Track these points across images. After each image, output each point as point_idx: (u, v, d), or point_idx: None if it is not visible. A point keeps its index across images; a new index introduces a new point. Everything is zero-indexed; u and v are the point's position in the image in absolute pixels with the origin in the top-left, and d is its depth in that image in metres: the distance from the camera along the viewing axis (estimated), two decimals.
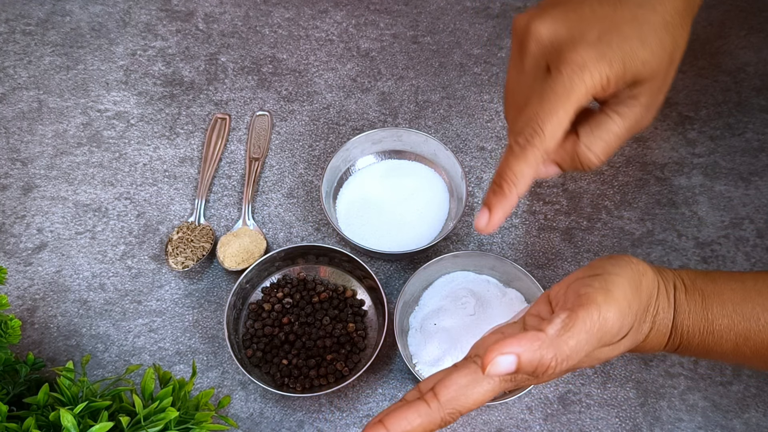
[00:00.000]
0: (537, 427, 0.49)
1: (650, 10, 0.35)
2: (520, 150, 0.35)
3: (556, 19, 0.36)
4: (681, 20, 0.36)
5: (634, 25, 0.35)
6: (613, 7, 0.36)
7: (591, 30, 0.35)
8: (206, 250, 0.55)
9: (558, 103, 0.34)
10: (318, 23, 0.69)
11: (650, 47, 0.35)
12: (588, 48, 0.34)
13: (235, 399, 0.50)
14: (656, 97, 0.38)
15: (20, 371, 0.44)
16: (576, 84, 0.34)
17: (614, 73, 0.35)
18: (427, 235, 0.55)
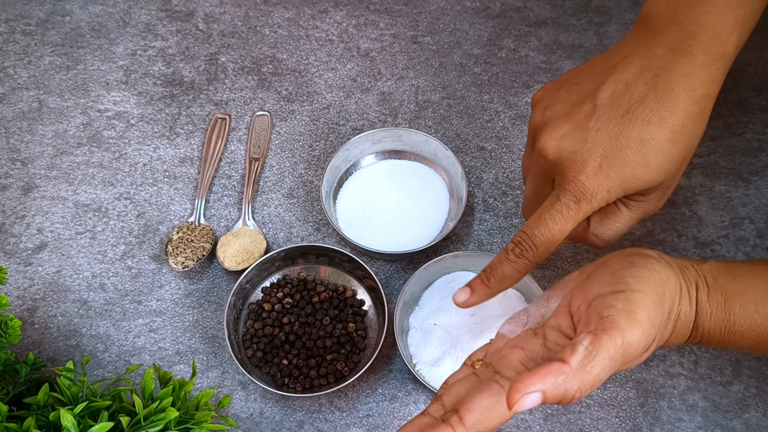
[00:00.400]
0: (537, 427, 0.49)
1: (658, 125, 0.35)
2: (514, 258, 0.38)
3: (563, 137, 0.37)
4: (694, 123, 0.36)
5: (638, 147, 0.35)
6: (620, 125, 0.35)
7: (593, 155, 0.36)
8: (206, 250, 0.55)
9: (555, 228, 0.37)
10: (318, 23, 0.69)
11: (654, 167, 0.35)
12: (588, 179, 0.36)
13: (235, 399, 0.50)
14: (666, 191, 0.39)
15: (20, 371, 0.44)
16: (572, 213, 0.36)
17: (613, 196, 0.36)
18: (427, 235, 0.55)
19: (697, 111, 0.36)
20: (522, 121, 0.63)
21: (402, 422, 0.49)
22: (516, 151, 0.61)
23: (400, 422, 0.49)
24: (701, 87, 0.36)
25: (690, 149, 0.37)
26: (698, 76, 0.36)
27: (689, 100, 0.35)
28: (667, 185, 0.38)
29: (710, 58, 0.36)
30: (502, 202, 0.59)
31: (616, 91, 0.36)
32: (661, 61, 0.36)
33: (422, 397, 0.50)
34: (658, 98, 0.35)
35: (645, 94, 0.35)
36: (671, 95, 0.35)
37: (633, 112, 0.35)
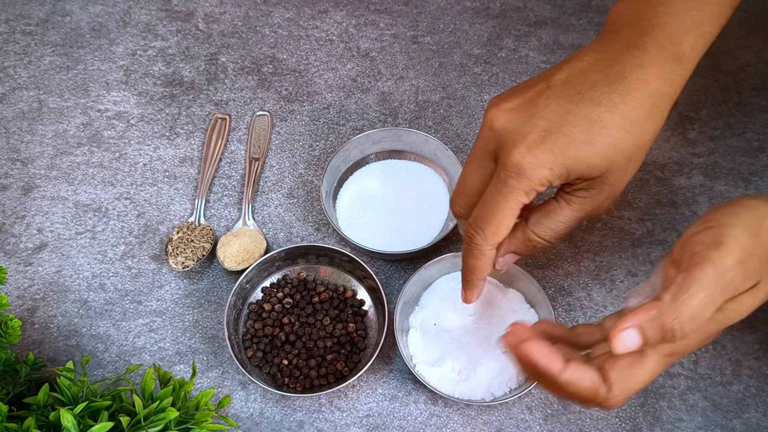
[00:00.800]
0: (537, 427, 0.49)
1: (608, 108, 0.34)
2: (468, 249, 0.39)
3: (511, 110, 0.36)
4: (646, 115, 0.35)
5: (585, 126, 0.34)
6: (570, 103, 0.35)
7: (536, 128, 0.35)
8: (206, 250, 0.55)
9: (498, 208, 0.36)
10: (318, 23, 0.69)
11: (599, 150, 0.34)
12: (528, 151, 0.34)
13: (235, 399, 0.50)
14: (612, 189, 0.37)
15: (20, 371, 0.44)
16: (514, 189, 0.35)
17: (555, 176, 0.35)
18: (427, 235, 0.55)
19: (649, 104, 0.35)
20: None
21: (402, 422, 0.49)
22: None
23: (400, 422, 0.49)
24: (654, 81, 0.35)
25: (639, 144, 0.36)
26: (651, 70, 0.35)
27: (641, 90, 0.35)
28: (613, 181, 0.36)
29: (664, 56, 0.36)
30: None
31: (570, 75, 0.36)
32: (616, 53, 0.36)
33: (422, 397, 0.50)
34: (610, 83, 0.35)
35: (598, 79, 0.35)
36: (623, 83, 0.35)
37: (584, 93, 0.35)
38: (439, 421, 0.49)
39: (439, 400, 0.50)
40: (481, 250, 0.38)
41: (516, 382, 0.48)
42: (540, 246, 0.40)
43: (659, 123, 0.36)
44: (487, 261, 0.39)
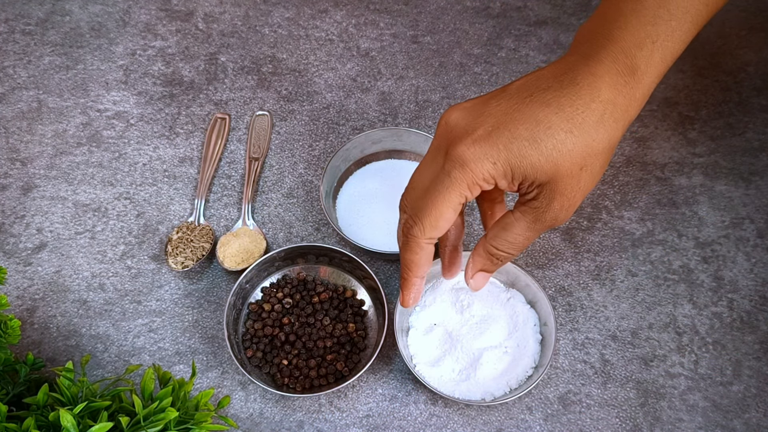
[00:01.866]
0: (537, 427, 0.49)
1: (556, 110, 0.34)
2: (405, 242, 0.38)
3: (464, 109, 0.37)
4: (595, 122, 0.34)
5: (530, 124, 0.34)
6: (520, 104, 0.35)
7: (484, 125, 0.35)
8: (206, 250, 0.55)
9: (438, 198, 0.36)
10: (318, 23, 0.69)
11: (543, 150, 0.34)
12: (472, 145, 0.34)
13: (235, 399, 0.50)
14: (566, 200, 0.36)
15: (20, 371, 0.44)
16: (457, 180, 0.35)
17: (499, 172, 0.35)
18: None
19: (599, 110, 0.35)
20: None
21: (402, 422, 0.49)
22: None
23: (400, 422, 0.49)
24: (606, 90, 0.35)
25: (590, 154, 0.35)
26: (604, 79, 0.35)
27: (591, 96, 0.35)
28: (562, 189, 0.36)
29: (617, 67, 0.36)
30: None
31: (527, 81, 0.36)
32: (571, 64, 0.37)
33: (422, 397, 0.50)
34: (561, 88, 0.35)
35: (550, 85, 0.35)
36: (574, 88, 0.35)
37: (535, 95, 0.35)
38: (439, 421, 0.49)
39: (439, 400, 0.50)
40: (418, 243, 0.38)
41: (516, 382, 0.48)
42: (503, 260, 0.40)
43: (613, 133, 0.35)
44: (424, 257, 0.39)
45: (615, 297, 0.54)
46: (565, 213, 0.37)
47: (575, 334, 0.52)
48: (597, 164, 0.36)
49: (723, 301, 0.54)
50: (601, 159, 0.36)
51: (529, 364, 0.49)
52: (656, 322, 0.53)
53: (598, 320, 0.53)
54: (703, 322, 0.53)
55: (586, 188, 0.36)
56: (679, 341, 0.52)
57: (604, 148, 0.35)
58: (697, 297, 0.54)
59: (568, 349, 0.52)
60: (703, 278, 0.55)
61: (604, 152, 0.36)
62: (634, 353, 0.52)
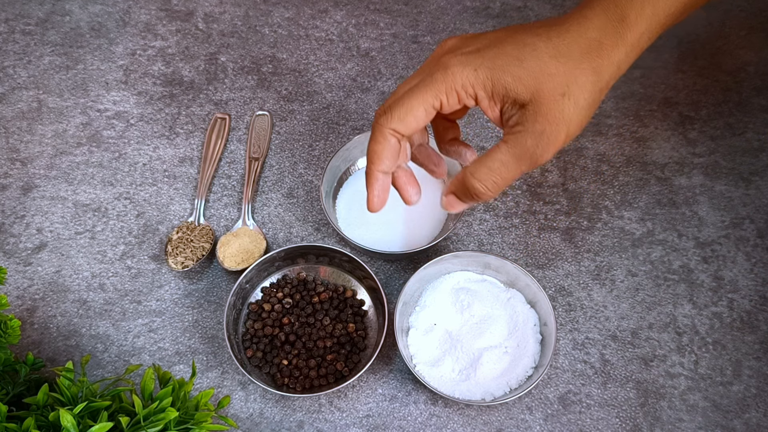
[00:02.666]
0: (537, 427, 0.49)
1: (544, 39, 0.36)
2: (372, 132, 0.38)
3: (461, 36, 0.38)
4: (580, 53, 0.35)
5: (517, 45, 0.36)
6: (512, 31, 0.37)
7: (475, 43, 0.37)
8: (206, 250, 0.55)
9: (414, 93, 0.36)
10: (318, 23, 0.69)
11: (526, 66, 0.35)
12: (460, 55, 0.36)
13: (235, 399, 0.50)
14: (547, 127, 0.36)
15: (20, 371, 0.44)
16: (437, 81, 0.36)
17: (479, 82, 0.36)
18: (427, 235, 0.55)
19: (584, 45, 0.36)
20: None
21: (402, 422, 0.49)
22: None
23: (400, 422, 0.49)
24: (594, 31, 0.36)
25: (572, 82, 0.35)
26: (593, 21, 0.36)
27: (578, 32, 0.36)
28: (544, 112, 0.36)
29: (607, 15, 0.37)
30: (502, 201, 0.59)
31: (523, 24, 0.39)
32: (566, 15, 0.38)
33: (422, 397, 0.50)
34: (552, 25, 0.37)
35: (543, 23, 0.38)
36: (564, 25, 0.37)
37: (528, 28, 0.37)
38: (439, 421, 0.49)
39: (439, 400, 0.50)
40: (382, 131, 0.38)
41: (516, 382, 0.48)
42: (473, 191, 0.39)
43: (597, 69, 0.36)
44: (387, 148, 0.38)
45: (615, 297, 0.54)
46: (546, 143, 0.36)
47: (575, 334, 0.52)
48: (581, 98, 0.36)
49: (723, 301, 0.54)
50: (586, 94, 0.36)
51: (529, 364, 0.49)
52: (656, 322, 0.53)
53: (598, 320, 0.53)
54: (703, 322, 0.53)
55: (570, 122, 0.36)
56: (679, 341, 0.52)
57: (588, 81, 0.36)
58: (697, 297, 0.54)
59: (568, 349, 0.52)
60: (703, 278, 0.55)
61: (588, 87, 0.36)
62: (634, 353, 0.52)
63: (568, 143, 0.55)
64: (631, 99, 0.64)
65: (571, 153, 0.61)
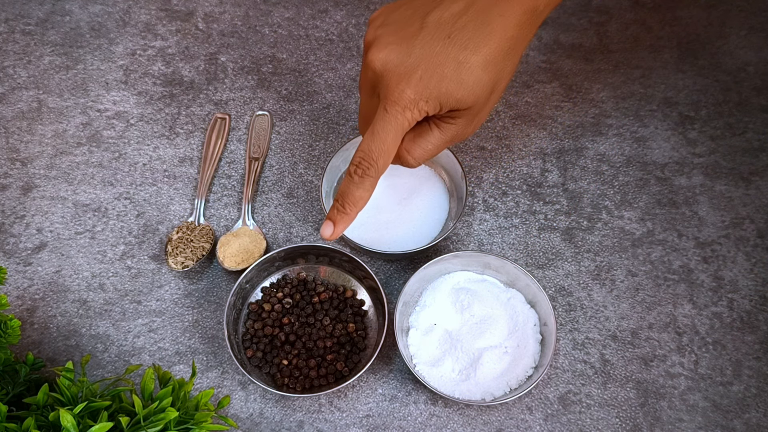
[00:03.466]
0: (537, 427, 0.49)
1: (473, 51, 0.40)
2: (359, 180, 0.43)
3: (390, 51, 0.41)
4: (504, 57, 0.41)
5: (454, 66, 0.40)
6: (441, 45, 0.40)
7: (415, 68, 0.40)
8: (206, 250, 0.55)
9: (388, 139, 0.42)
10: (318, 23, 0.69)
11: (467, 87, 0.40)
12: (408, 88, 0.40)
13: (235, 399, 0.50)
14: (476, 118, 0.43)
15: (20, 371, 0.44)
16: (399, 121, 0.41)
17: (431, 108, 0.41)
18: (427, 235, 0.55)
19: (507, 47, 0.41)
20: (522, 121, 0.63)
21: (402, 422, 0.49)
22: (516, 151, 0.61)
23: (400, 422, 0.49)
24: (512, 28, 0.41)
25: (499, 81, 0.42)
26: (511, 19, 0.41)
27: (501, 36, 0.40)
28: (476, 111, 0.42)
29: (522, 8, 0.41)
30: (502, 202, 0.59)
31: (443, 17, 0.41)
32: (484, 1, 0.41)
33: (422, 397, 0.50)
34: (476, 29, 0.40)
35: (466, 24, 0.40)
36: (488, 29, 0.40)
37: (454, 36, 0.40)
38: (439, 421, 0.49)
39: (439, 400, 0.50)
40: (372, 182, 0.43)
41: (516, 382, 0.48)
42: (406, 165, 0.45)
43: (516, 60, 0.43)
44: (372, 191, 0.44)
45: (615, 297, 0.54)
46: (474, 128, 0.44)
47: (575, 334, 0.52)
48: (502, 86, 0.43)
49: (723, 301, 0.54)
50: (506, 81, 0.43)
51: (529, 364, 0.49)
52: (656, 322, 0.53)
53: (598, 320, 0.53)
54: (703, 322, 0.53)
55: (493, 104, 0.44)
56: (679, 341, 0.52)
57: (508, 74, 0.43)
58: (697, 297, 0.54)
59: (568, 349, 0.52)
60: (703, 278, 0.55)
61: (509, 75, 0.43)
62: (634, 353, 0.52)
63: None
64: (631, 99, 0.64)
65: (571, 153, 0.61)
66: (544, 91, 0.64)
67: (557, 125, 0.63)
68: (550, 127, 0.62)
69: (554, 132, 0.62)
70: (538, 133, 0.62)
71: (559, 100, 0.64)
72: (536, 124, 0.63)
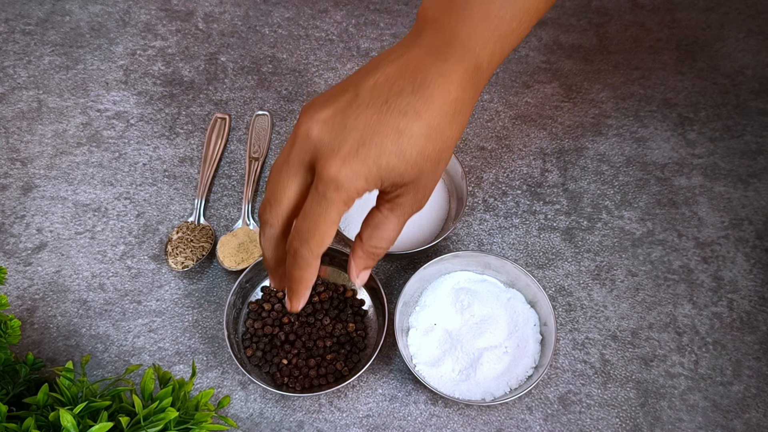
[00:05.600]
0: (537, 427, 0.49)
1: (414, 118, 0.36)
2: (294, 261, 0.40)
3: (324, 122, 0.37)
4: (449, 122, 0.37)
5: (394, 137, 0.36)
6: (378, 113, 0.36)
7: (350, 141, 0.36)
8: (206, 250, 0.55)
9: (320, 220, 0.38)
10: (318, 23, 0.69)
11: (409, 160, 0.36)
12: (344, 165, 0.36)
13: (235, 399, 0.50)
14: (424, 190, 0.40)
15: (20, 371, 0.44)
16: (334, 201, 0.37)
17: (371, 184, 0.37)
18: (427, 235, 0.55)
19: (451, 111, 0.37)
20: (522, 121, 0.63)
21: (402, 422, 0.49)
22: (516, 151, 0.61)
23: (400, 422, 0.49)
24: (455, 90, 0.37)
25: (445, 149, 0.38)
26: (452, 79, 0.37)
27: (444, 99, 0.37)
28: (424, 184, 0.39)
29: (463, 67, 0.37)
30: (502, 202, 0.59)
31: (377, 82, 0.37)
32: (419, 60, 0.38)
33: (422, 397, 0.50)
34: (414, 92, 0.36)
35: (403, 88, 0.37)
36: (427, 91, 0.36)
37: (391, 103, 0.36)
38: (439, 421, 0.49)
39: (439, 400, 0.50)
40: (307, 262, 0.40)
41: (516, 382, 0.48)
42: (381, 255, 0.42)
43: (462, 126, 0.39)
44: (313, 271, 0.41)
45: (615, 297, 0.54)
46: (426, 199, 0.40)
47: (575, 334, 0.53)
48: (449, 153, 0.39)
49: (723, 301, 0.54)
50: (453, 147, 0.39)
51: (529, 364, 0.49)
52: (656, 322, 0.53)
53: (598, 320, 0.53)
54: (703, 322, 0.53)
55: (441, 172, 0.40)
56: (679, 341, 0.52)
57: (455, 140, 0.39)
58: (697, 297, 0.54)
59: (568, 349, 0.52)
60: (703, 278, 0.55)
61: (456, 141, 0.39)
62: (634, 353, 0.52)
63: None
64: (630, 99, 0.64)
65: (571, 153, 0.61)
66: (544, 91, 0.65)
67: (557, 125, 0.63)
68: (550, 127, 0.63)
69: (554, 132, 0.62)
70: (538, 133, 0.62)
71: (559, 100, 0.64)
72: (536, 124, 0.63)
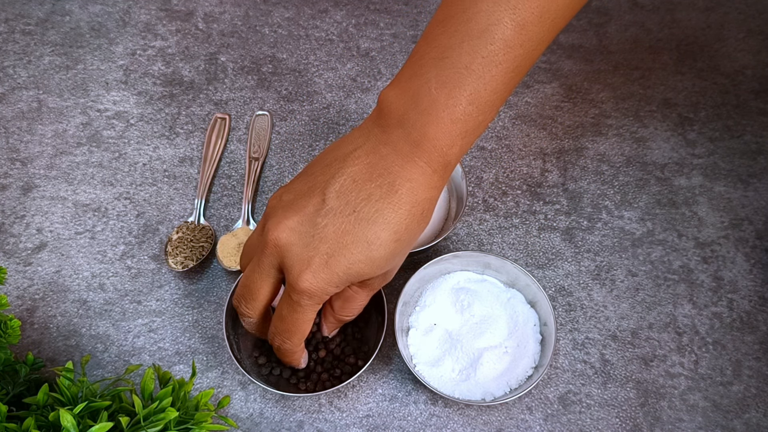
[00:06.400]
0: (537, 427, 0.49)
1: (383, 226, 0.37)
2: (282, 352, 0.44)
3: (292, 230, 0.38)
4: (417, 223, 0.38)
5: (363, 247, 0.37)
6: (346, 223, 0.37)
7: (320, 253, 0.37)
8: (206, 250, 0.55)
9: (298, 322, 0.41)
10: (318, 23, 0.69)
11: (378, 264, 0.38)
12: (314, 276, 0.37)
13: (235, 399, 0.50)
14: (393, 271, 0.42)
15: (20, 371, 0.44)
16: (308, 306, 0.39)
17: (341, 287, 0.39)
18: (427, 235, 0.55)
19: (419, 212, 0.38)
20: (522, 121, 0.63)
21: (402, 422, 0.49)
22: (516, 151, 0.61)
23: (400, 422, 0.49)
24: (423, 192, 0.38)
25: (413, 241, 0.40)
26: (421, 182, 0.38)
27: (412, 202, 0.37)
28: (392, 268, 0.42)
29: (432, 168, 0.38)
30: (502, 202, 0.59)
31: (344, 186, 0.38)
32: (387, 161, 0.38)
33: (422, 397, 0.50)
34: (383, 198, 0.37)
35: (371, 193, 0.37)
36: (395, 197, 0.37)
37: (359, 210, 0.37)
38: (439, 421, 0.49)
39: (439, 400, 0.50)
40: (292, 351, 0.44)
41: (516, 382, 0.48)
42: (350, 320, 0.46)
43: (427, 222, 0.40)
44: (300, 353, 0.46)
45: (615, 297, 0.54)
46: (392, 275, 0.43)
47: (575, 334, 0.53)
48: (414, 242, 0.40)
49: (723, 301, 0.54)
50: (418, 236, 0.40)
51: (529, 364, 0.49)
52: (656, 322, 0.53)
53: (598, 320, 0.53)
54: (703, 322, 0.53)
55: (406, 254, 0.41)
56: (679, 341, 0.52)
57: (423, 229, 0.40)
58: (697, 297, 0.54)
59: (568, 349, 0.52)
60: (703, 278, 0.55)
61: (422, 230, 0.40)
62: (634, 353, 0.52)
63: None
64: (630, 99, 0.64)
65: (571, 153, 0.61)
66: (544, 91, 0.65)
67: (557, 125, 0.63)
68: (550, 127, 0.63)
69: (554, 132, 0.62)
70: (538, 133, 0.62)
71: (559, 101, 0.64)
72: (536, 124, 0.63)
